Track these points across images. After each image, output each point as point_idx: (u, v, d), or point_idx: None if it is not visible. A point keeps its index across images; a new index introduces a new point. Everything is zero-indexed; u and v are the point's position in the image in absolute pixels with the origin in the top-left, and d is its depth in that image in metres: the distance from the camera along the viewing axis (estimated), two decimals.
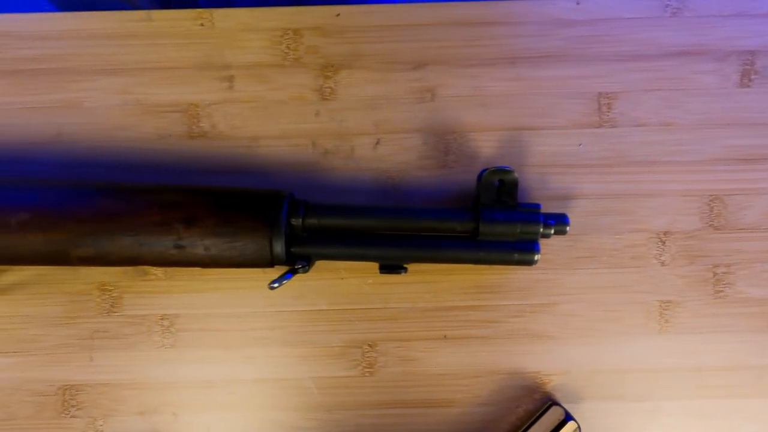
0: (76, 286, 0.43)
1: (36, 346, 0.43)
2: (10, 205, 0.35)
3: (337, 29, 0.42)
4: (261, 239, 0.36)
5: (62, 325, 0.43)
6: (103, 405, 0.43)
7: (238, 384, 0.43)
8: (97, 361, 0.43)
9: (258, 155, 0.42)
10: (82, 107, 0.42)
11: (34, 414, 0.43)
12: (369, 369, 0.43)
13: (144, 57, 0.42)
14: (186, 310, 0.43)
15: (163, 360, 0.43)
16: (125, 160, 0.42)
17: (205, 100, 0.42)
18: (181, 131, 0.42)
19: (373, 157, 0.42)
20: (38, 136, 0.42)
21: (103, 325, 0.43)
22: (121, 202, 0.36)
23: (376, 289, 0.43)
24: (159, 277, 0.43)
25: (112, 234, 0.36)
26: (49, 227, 0.35)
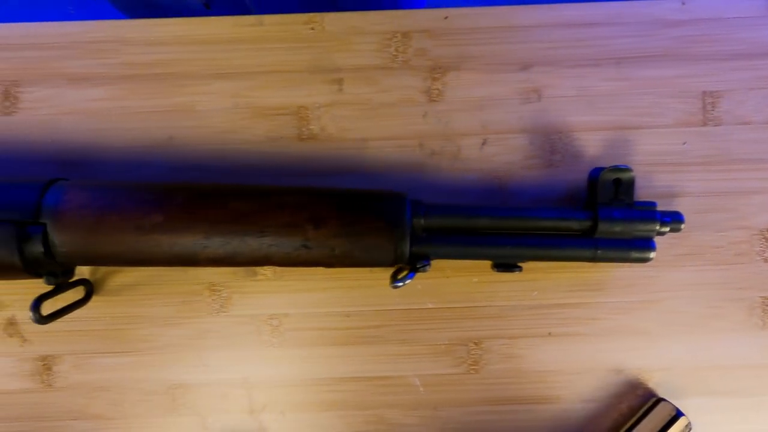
0: (186, 287, 0.44)
1: (148, 345, 0.44)
2: (144, 207, 0.36)
3: (445, 32, 0.43)
4: (386, 239, 0.37)
5: (173, 325, 0.44)
6: (212, 404, 0.44)
7: (344, 382, 0.44)
8: (206, 360, 0.44)
9: (366, 157, 0.43)
10: (194, 111, 0.43)
11: (145, 413, 0.44)
12: (474, 366, 0.44)
13: (255, 61, 0.42)
14: (294, 310, 0.44)
15: (272, 359, 0.44)
16: (236, 163, 0.43)
17: (315, 102, 0.43)
18: (291, 134, 0.43)
19: (480, 157, 0.43)
20: (151, 139, 0.43)
21: (213, 324, 0.44)
22: (251, 204, 0.37)
23: (482, 287, 0.43)
24: (268, 277, 0.44)
25: (243, 235, 0.36)
26: (182, 229, 0.36)
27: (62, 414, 0.44)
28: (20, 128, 0.43)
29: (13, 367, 0.44)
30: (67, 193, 0.36)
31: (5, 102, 0.42)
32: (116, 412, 0.44)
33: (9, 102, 0.42)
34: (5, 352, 0.43)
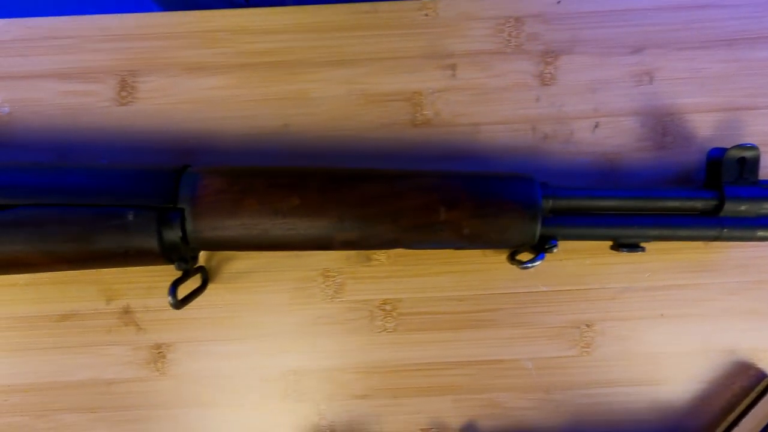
0: (300, 273, 0.44)
1: (263, 332, 0.44)
2: (281, 191, 0.36)
3: (557, 16, 0.43)
4: (520, 220, 0.37)
5: (288, 312, 0.44)
6: (327, 389, 0.44)
7: (456, 366, 0.44)
8: (320, 346, 0.44)
9: (478, 141, 0.43)
10: (309, 98, 0.43)
11: (259, 399, 0.44)
12: (586, 349, 0.44)
13: (369, 48, 0.43)
14: (407, 294, 0.44)
15: (385, 344, 0.44)
16: (350, 149, 0.43)
17: (429, 88, 0.43)
18: (405, 119, 0.43)
19: (592, 140, 0.43)
20: (266, 126, 0.43)
21: (327, 310, 0.44)
22: (385, 187, 0.37)
23: (594, 269, 0.44)
24: (381, 263, 0.44)
25: (377, 218, 0.37)
26: (318, 212, 0.36)
27: (176, 402, 0.44)
28: (137, 118, 0.43)
29: (128, 356, 0.44)
30: (204, 178, 0.37)
31: (122, 92, 0.43)
32: (230, 399, 0.44)
33: (126, 92, 0.43)
34: (120, 341, 0.44)
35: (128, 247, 0.36)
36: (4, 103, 0.43)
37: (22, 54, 0.42)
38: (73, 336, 0.44)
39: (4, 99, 0.43)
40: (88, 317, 0.44)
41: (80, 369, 0.44)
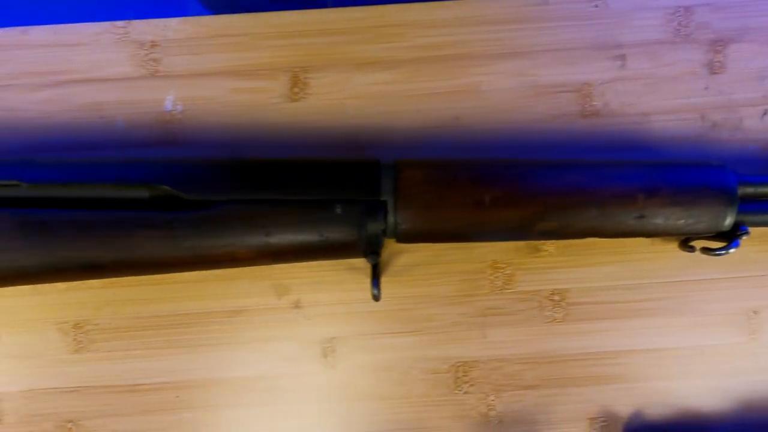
0: (469, 265, 0.44)
1: (431, 324, 0.44)
2: (483, 182, 0.37)
3: (726, 4, 0.43)
4: (716, 208, 0.37)
5: (456, 304, 0.44)
6: (495, 380, 0.45)
7: (626, 354, 0.44)
8: (489, 337, 0.44)
9: (647, 131, 0.43)
10: (479, 91, 0.43)
11: (428, 391, 0.45)
12: (753, 336, 0.44)
13: (538, 40, 0.43)
14: (576, 284, 0.44)
15: (554, 334, 0.44)
16: (519, 141, 0.43)
17: (598, 79, 0.43)
18: (574, 110, 0.43)
19: (761, 127, 0.44)
20: (437, 120, 0.43)
21: (496, 302, 0.44)
22: (587, 176, 0.37)
23: (761, 256, 0.44)
24: (551, 253, 0.44)
25: (578, 207, 0.37)
26: (521, 202, 0.37)
27: (345, 395, 0.44)
28: (308, 113, 0.43)
29: (298, 351, 0.44)
30: (403, 171, 0.37)
31: (294, 88, 0.43)
32: (399, 392, 0.44)
33: (298, 88, 0.43)
34: (291, 336, 0.44)
35: (332, 240, 0.36)
36: (178, 101, 0.43)
37: (195, 52, 0.43)
38: (243, 331, 0.44)
39: (178, 97, 0.43)
40: (259, 313, 0.44)
41: (250, 364, 0.44)
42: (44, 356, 0.44)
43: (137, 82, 0.43)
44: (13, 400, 0.44)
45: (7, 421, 0.44)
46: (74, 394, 0.44)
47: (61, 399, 0.44)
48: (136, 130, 0.43)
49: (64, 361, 0.44)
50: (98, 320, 0.44)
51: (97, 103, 0.43)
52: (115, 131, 0.43)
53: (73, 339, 0.44)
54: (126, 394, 0.44)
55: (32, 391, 0.44)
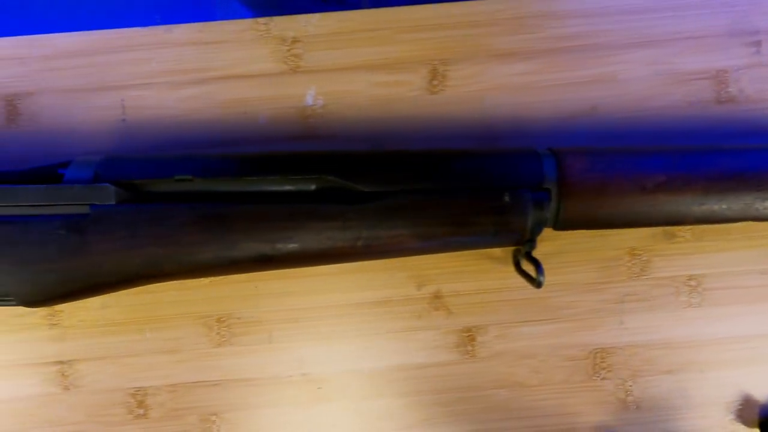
0: (606, 253, 0.45)
1: (569, 312, 0.45)
2: (646, 168, 0.37)
3: None
4: None
5: (594, 291, 0.45)
6: (632, 366, 0.45)
7: (764, 338, 0.45)
8: (626, 323, 0.45)
9: None
10: (616, 80, 0.44)
11: (566, 378, 0.45)
12: None
13: (674, 27, 0.43)
14: (713, 270, 0.45)
15: (690, 319, 0.45)
16: (655, 129, 0.44)
17: (733, 65, 0.44)
18: (709, 97, 0.44)
19: None
20: (573, 110, 0.44)
21: (633, 288, 0.45)
22: (742, 160, 0.37)
23: None
24: (687, 239, 0.44)
25: (737, 190, 0.37)
26: (683, 187, 0.37)
27: (487, 383, 0.45)
28: (447, 105, 0.44)
29: (438, 340, 0.45)
30: (566, 158, 0.38)
31: (433, 81, 0.44)
32: (538, 379, 0.45)
33: (437, 80, 0.44)
34: (431, 326, 0.45)
35: (499, 229, 0.37)
36: (319, 96, 0.44)
37: (335, 47, 0.43)
38: (384, 322, 0.45)
39: (318, 92, 0.44)
40: (399, 303, 0.45)
41: (391, 354, 0.45)
42: (188, 350, 0.44)
43: (279, 78, 0.43)
44: (158, 395, 0.44)
45: (152, 416, 0.44)
46: (217, 388, 0.45)
47: (205, 392, 0.44)
48: (277, 125, 0.44)
49: (208, 355, 0.45)
50: (240, 314, 0.45)
51: (240, 100, 0.43)
52: (257, 127, 0.44)
53: (217, 333, 0.44)
54: (268, 386, 0.45)
55: (176, 385, 0.45)
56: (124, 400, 0.44)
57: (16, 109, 0.43)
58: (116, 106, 0.43)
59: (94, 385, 0.44)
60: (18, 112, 0.43)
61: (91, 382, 0.44)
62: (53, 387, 0.44)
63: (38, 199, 0.35)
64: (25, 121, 0.43)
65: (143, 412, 0.44)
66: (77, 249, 0.35)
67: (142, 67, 0.43)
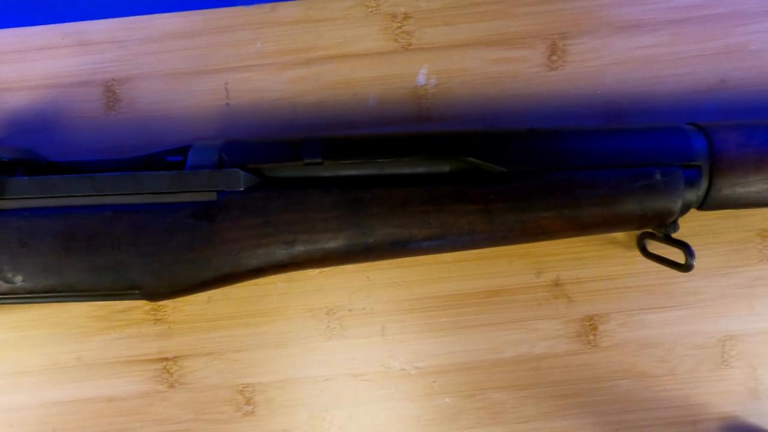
0: (736, 235, 0.42)
1: (696, 298, 0.42)
2: None
3: None
4: None
5: (723, 276, 0.42)
6: (764, 354, 0.43)
7: None
8: (757, 309, 0.42)
9: None
10: (748, 51, 0.41)
11: (693, 368, 0.43)
12: None
13: None
14: None
15: None
16: None
17: None
18: None
19: None
20: (701, 83, 0.41)
21: (764, 272, 0.43)
22: None
23: None
24: None
25: None
26: None
27: (609, 374, 0.43)
28: (567, 81, 0.41)
29: (558, 330, 0.43)
30: (718, 133, 0.35)
31: (552, 56, 0.41)
32: (663, 369, 0.43)
33: (556, 56, 0.41)
34: (551, 315, 0.42)
35: (648, 209, 0.34)
36: (431, 75, 0.41)
37: (449, 23, 0.41)
38: (502, 312, 0.43)
39: (431, 71, 0.41)
40: (518, 292, 0.42)
41: (509, 345, 0.43)
42: (297, 344, 0.43)
43: (389, 57, 0.41)
44: (265, 391, 0.43)
45: (260, 413, 0.43)
46: (328, 383, 0.43)
47: (315, 388, 0.43)
48: (388, 106, 0.42)
49: (318, 349, 0.43)
50: (351, 306, 0.43)
51: (349, 81, 0.41)
52: (366, 109, 0.42)
53: (327, 326, 0.43)
54: (380, 380, 0.43)
55: (285, 380, 0.43)
56: (231, 397, 0.43)
57: (114, 95, 0.41)
58: (219, 89, 0.41)
59: (201, 382, 0.43)
60: (117, 98, 0.41)
61: (197, 379, 0.43)
62: (158, 384, 0.42)
63: (164, 187, 0.33)
64: (124, 107, 0.41)
65: (251, 410, 0.43)
66: (206, 238, 0.33)
67: (246, 48, 0.41)
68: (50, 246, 0.33)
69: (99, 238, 0.33)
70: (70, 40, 0.41)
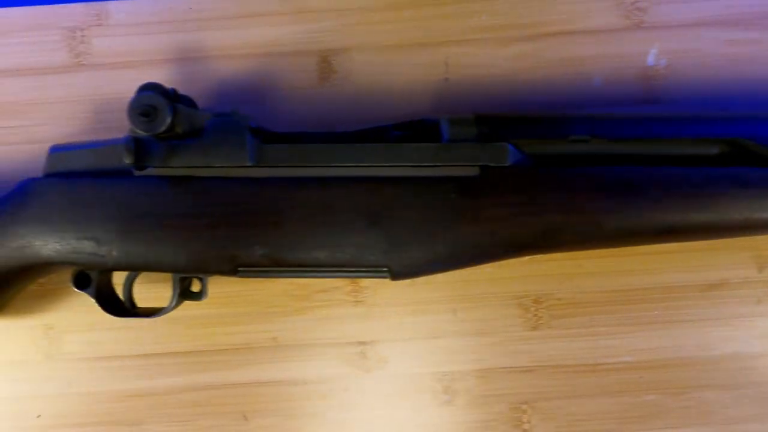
0: None
1: None
2: None
3: None
4: None
5: None
6: None
7: None
8: None
9: None
10: None
11: None
12: None
13: None
14: None
15: None
16: None
17: None
18: None
19: None
20: None
21: None
22: None
23: None
24: None
25: None
26: None
27: None
28: None
29: None
30: None
31: None
32: None
33: None
34: None
35: None
36: (662, 55, 0.39)
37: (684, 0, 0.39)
38: (718, 307, 0.40)
39: (661, 51, 0.39)
40: (737, 286, 0.40)
41: (722, 342, 0.40)
42: (500, 333, 0.41)
43: (619, 35, 0.39)
44: (465, 380, 0.41)
45: (458, 402, 0.41)
46: (531, 374, 0.41)
47: (517, 379, 0.41)
48: (613, 87, 0.39)
49: (522, 339, 0.41)
50: (561, 295, 0.41)
51: (574, 58, 0.39)
52: (590, 89, 0.40)
53: (533, 315, 0.41)
54: (586, 374, 0.41)
55: (486, 370, 0.41)
56: (429, 385, 0.41)
57: (330, 65, 0.40)
58: (439, 63, 0.40)
59: (398, 368, 0.41)
60: (332, 69, 0.40)
61: (394, 365, 0.41)
62: (354, 369, 0.41)
63: (427, 159, 0.32)
64: (339, 79, 0.40)
65: (449, 398, 0.41)
66: (468, 213, 0.31)
67: (469, 21, 0.39)
68: (305, 218, 0.32)
69: (357, 211, 0.32)
70: (290, 6, 0.39)
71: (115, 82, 0.40)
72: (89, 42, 0.40)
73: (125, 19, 0.40)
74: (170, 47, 0.40)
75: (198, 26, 0.40)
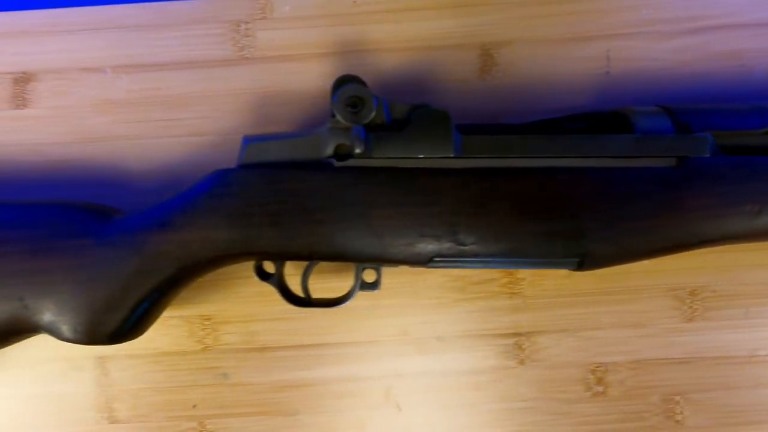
0: None
1: None
2: None
3: None
4: None
5: None
6: None
7: None
8: None
9: None
10: None
11: None
12: None
13: None
14: None
15: None
16: None
17: None
18: None
19: None
20: None
21: None
22: None
23: None
24: None
25: None
26: None
27: None
28: None
29: None
30: None
31: None
32: None
33: None
34: None
35: None
36: None
37: None
38: None
39: None
40: None
41: None
42: (655, 325, 0.41)
43: None
44: (619, 372, 0.41)
45: (611, 394, 0.41)
46: (685, 366, 0.41)
47: (670, 371, 0.41)
48: None
49: (676, 331, 0.41)
50: (716, 286, 0.41)
51: (737, 51, 0.39)
52: (751, 81, 0.40)
53: (689, 307, 0.41)
54: (741, 365, 0.41)
55: (639, 361, 0.41)
56: (582, 377, 0.41)
57: (492, 58, 0.40)
58: (600, 57, 0.40)
59: (552, 360, 0.41)
60: (494, 62, 0.40)
61: (549, 356, 0.41)
62: (508, 360, 0.41)
63: (627, 150, 0.32)
64: (500, 72, 0.40)
65: (602, 390, 0.41)
66: (667, 205, 0.32)
67: (630, 15, 0.39)
68: (507, 209, 0.32)
69: (558, 202, 0.32)
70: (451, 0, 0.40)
71: (278, 75, 0.40)
72: (253, 35, 0.40)
73: (289, 13, 0.40)
74: (333, 40, 0.40)
75: (360, 20, 0.40)
